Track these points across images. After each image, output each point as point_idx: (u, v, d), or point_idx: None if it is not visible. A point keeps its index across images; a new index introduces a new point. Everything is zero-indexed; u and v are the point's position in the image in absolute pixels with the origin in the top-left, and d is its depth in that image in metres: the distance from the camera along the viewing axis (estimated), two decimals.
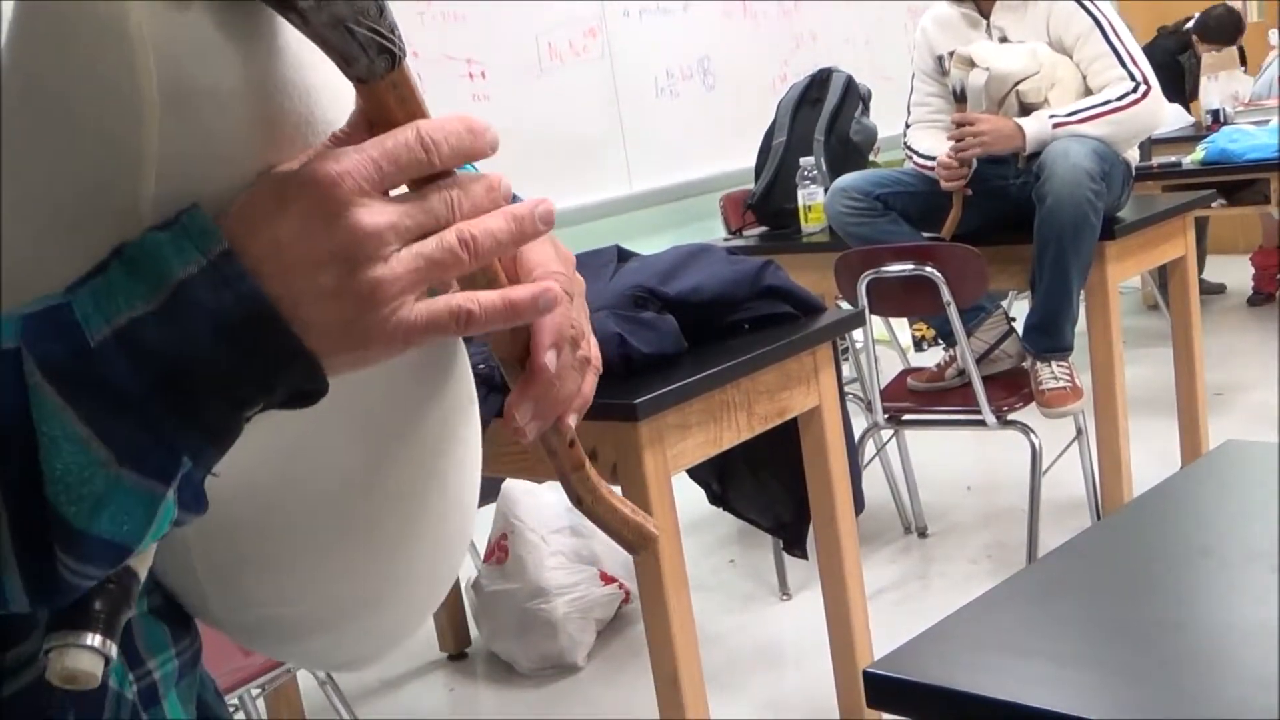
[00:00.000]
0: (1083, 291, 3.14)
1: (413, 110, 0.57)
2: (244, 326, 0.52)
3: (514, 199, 0.60)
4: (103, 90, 0.52)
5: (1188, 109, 5.59)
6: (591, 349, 0.68)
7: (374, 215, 0.54)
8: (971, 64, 3.23)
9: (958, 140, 3.18)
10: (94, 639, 0.55)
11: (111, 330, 0.51)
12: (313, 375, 0.54)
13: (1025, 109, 3.21)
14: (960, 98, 3.24)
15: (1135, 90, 3.14)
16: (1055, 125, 3.12)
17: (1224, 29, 5.79)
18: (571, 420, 0.67)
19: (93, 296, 0.52)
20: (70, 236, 0.54)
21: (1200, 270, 5.58)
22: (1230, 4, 6.08)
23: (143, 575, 0.60)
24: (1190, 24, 5.95)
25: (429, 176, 0.56)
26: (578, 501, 0.70)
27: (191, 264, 0.52)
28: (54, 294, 0.53)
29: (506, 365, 0.64)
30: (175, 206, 0.54)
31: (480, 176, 0.58)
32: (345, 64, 0.55)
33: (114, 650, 0.55)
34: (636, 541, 0.71)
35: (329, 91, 0.59)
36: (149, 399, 0.51)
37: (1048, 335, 3.16)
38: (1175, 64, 5.86)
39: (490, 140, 0.58)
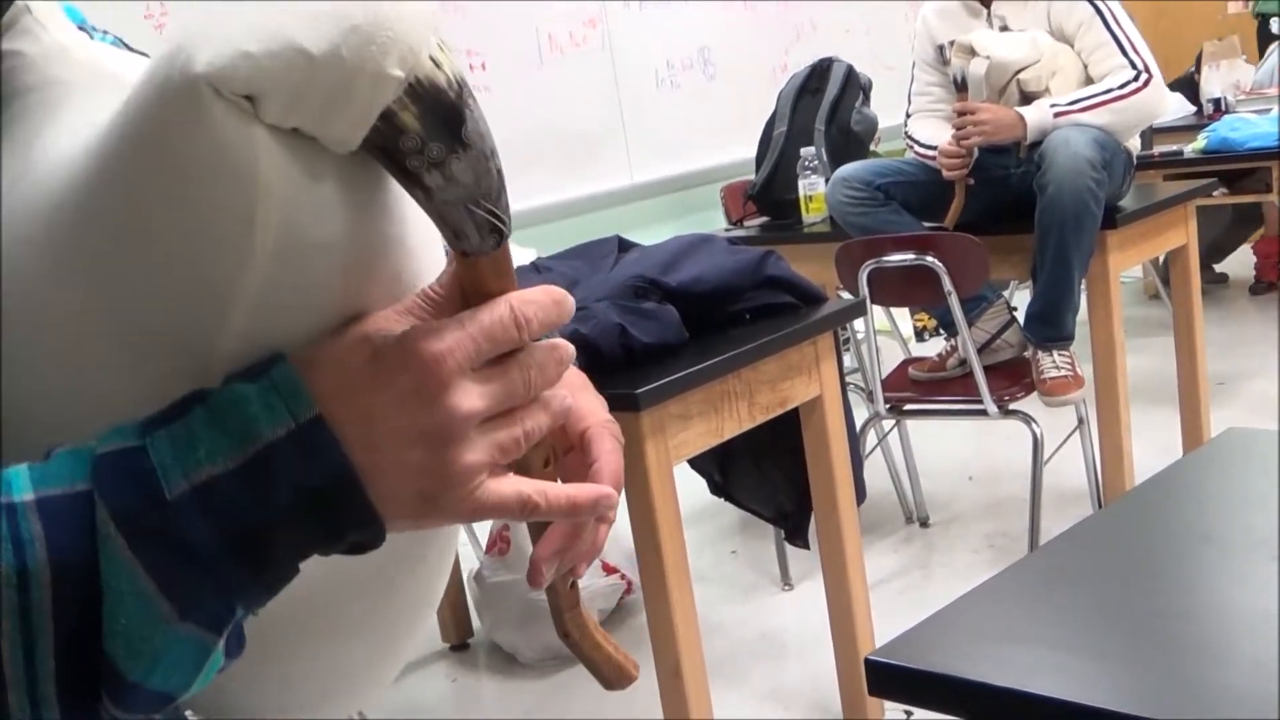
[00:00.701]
0: (1084, 281, 3.14)
1: (505, 282, 0.58)
2: (326, 495, 0.52)
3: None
4: (215, 234, 0.51)
5: None
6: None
7: (469, 399, 0.54)
8: (972, 52, 3.22)
9: (959, 129, 3.17)
10: None
11: (190, 485, 0.50)
12: (377, 537, 0.55)
13: (1026, 98, 3.20)
14: (961, 86, 3.24)
15: (1136, 79, 3.13)
16: (1056, 114, 3.11)
17: None
18: (582, 569, 0.69)
19: (171, 444, 0.51)
20: (144, 357, 0.53)
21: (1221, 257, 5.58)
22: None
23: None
24: None
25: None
26: (565, 636, 0.72)
27: (280, 426, 0.51)
28: (126, 427, 0.52)
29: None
30: (255, 343, 0.53)
31: (552, 348, 0.59)
32: (455, 238, 0.55)
33: None
34: (615, 680, 0.73)
35: (421, 248, 0.59)
36: (219, 557, 0.51)
37: (1049, 324, 3.15)
38: None
39: (569, 309, 0.59)
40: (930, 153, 3.34)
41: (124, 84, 0.56)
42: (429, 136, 0.52)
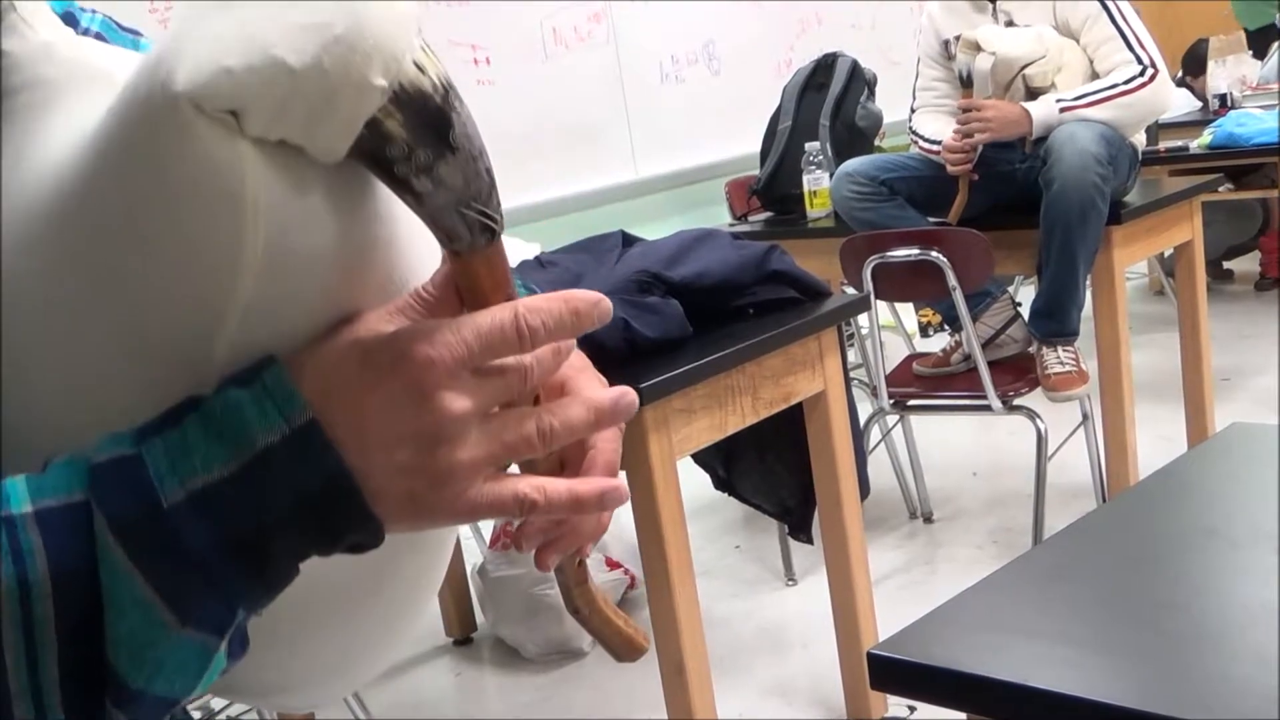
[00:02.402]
0: (1089, 276, 3.14)
1: (499, 278, 0.57)
2: (322, 498, 0.52)
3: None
4: (205, 249, 0.51)
5: None
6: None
7: (460, 400, 0.53)
8: (977, 48, 3.21)
9: (963, 125, 3.16)
10: None
11: (186, 493, 0.51)
12: (375, 537, 0.55)
13: (1032, 93, 3.19)
14: (966, 82, 3.23)
15: (1142, 74, 3.13)
16: (1062, 109, 3.10)
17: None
18: (588, 550, 0.68)
19: (166, 453, 0.51)
20: (138, 366, 0.53)
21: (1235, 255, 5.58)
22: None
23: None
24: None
25: None
26: (575, 611, 0.72)
27: (274, 431, 0.51)
28: (121, 435, 0.52)
29: None
30: (249, 348, 0.53)
31: (549, 354, 0.58)
32: (447, 239, 0.55)
33: None
34: (625, 652, 0.73)
35: (412, 246, 0.59)
36: (218, 562, 0.51)
37: (1054, 320, 3.15)
38: None
39: (602, 312, 0.57)
40: (935, 148, 3.34)
41: (113, 82, 0.56)
42: (416, 142, 0.52)
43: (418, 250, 0.60)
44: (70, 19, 0.71)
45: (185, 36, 0.50)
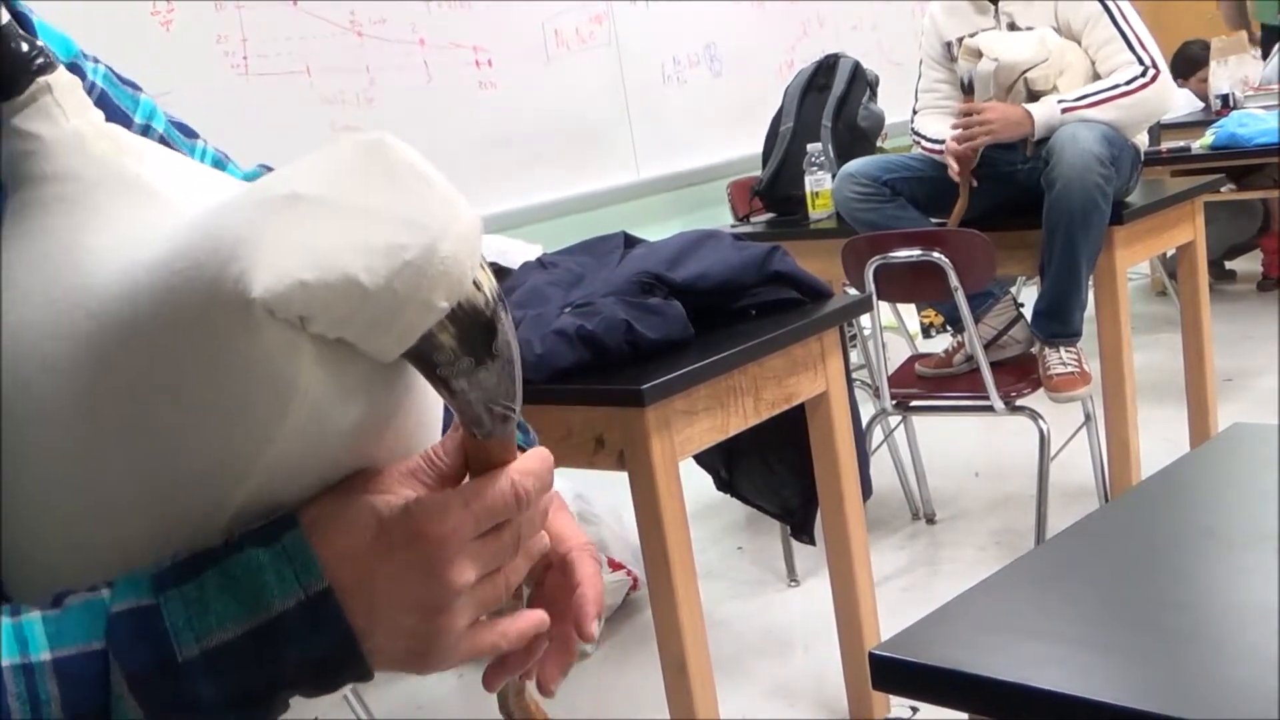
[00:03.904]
0: (1091, 277, 3.13)
1: (509, 454, 0.61)
2: (329, 662, 0.56)
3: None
4: (247, 421, 0.53)
5: None
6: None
7: (465, 574, 0.58)
8: (979, 55, 3.21)
9: (964, 129, 3.16)
10: None
11: (201, 650, 0.53)
12: (364, 679, 0.58)
13: (1034, 96, 3.19)
14: (968, 89, 3.23)
15: (1144, 74, 3.12)
16: (1064, 110, 3.10)
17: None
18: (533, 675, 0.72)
19: (185, 607, 0.53)
20: (159, 503, 0.56)
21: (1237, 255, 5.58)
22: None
23: None
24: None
25: None
26: (509, 716, 0.77)
27: (290, 597, 0.54)
28: (139, 581, 0.54)
29: None
30: (267, 499, 0.56)
31: (534, 518, 0.63)
32: (468, 424, 0.59)
33: None
34: None
35: (426, 407, 0.63)
36: (222, 713, 0.54)
37: (1056, 321, 3.15)
38: None
39: (550, 475, 0.63)
40: (937, 147, 3.33)
41: (145, 191, 0.59)
42: (462, 351, 0.55)
43: (430, 410, 0.64)
44: (76, 69, 0.71)
45: (261, 240, 0.51)
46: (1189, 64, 5.68)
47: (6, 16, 0.60)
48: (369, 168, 0.54)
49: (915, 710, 2.55)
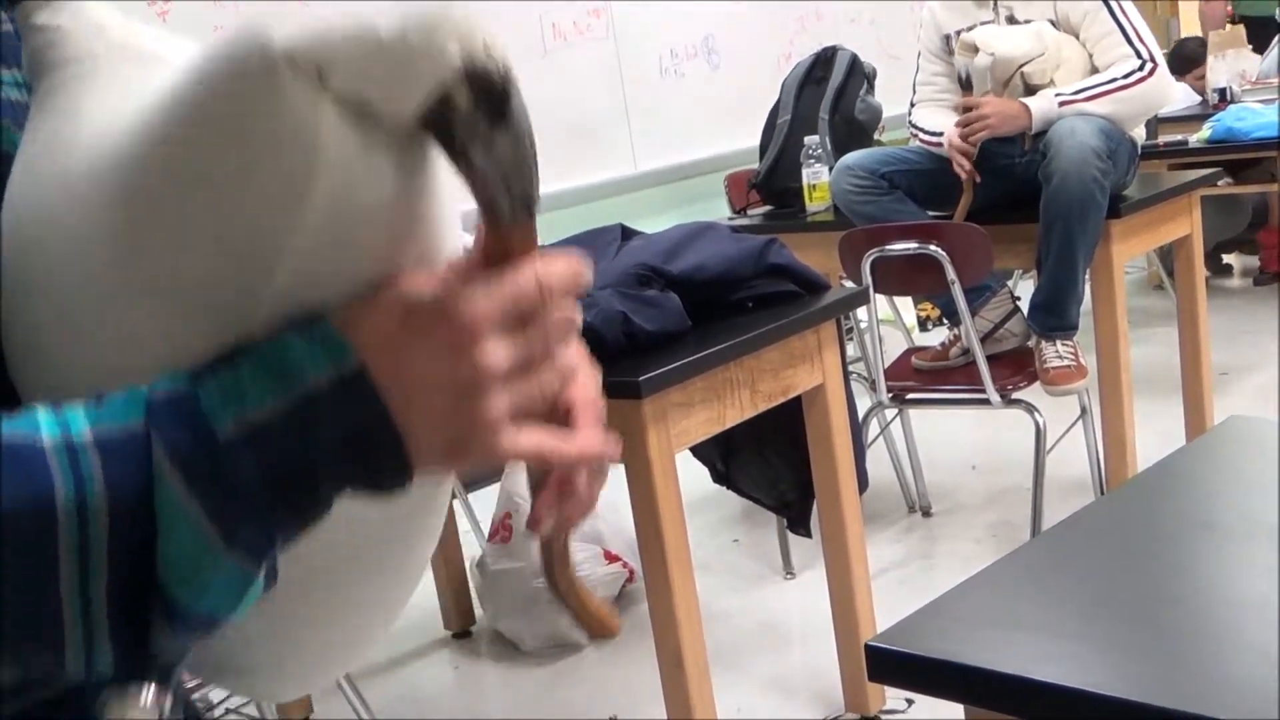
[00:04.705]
0: (1088, 270, 3.13)
1: (529, 247, 0.62)
2: (367, 440, 0.56)
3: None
4: (271, 195, 0.54)
5: None
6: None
7: (496, 355, 0.58)
8: (975, 50, 3.21)
9: (964, 125, 3.16)
10: (148, 694, 0.57)
11: (239, 429, 0.54)
12: (407, 481, 0.58)
13: (1030, 90, 3.19)
14: (966, 84, 3.23)
15: (1141, 68, 3.12)
16: (1061, 103, 3.10)
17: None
18: (575, 520, 0.71)
19: (221, 392, 0.54)
20: (189, 317, 0.56)
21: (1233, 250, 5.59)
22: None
23: None
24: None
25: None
26: (555, 589, 0.77)
27: (324, 376, 0.55)
28: (176, 375, 0.55)
29: (533, 479, 0.71)
30: (295, 304, 0.56)
31: (565, 314, 0.63)
32: (489, 210, 0.59)
33: (168, 702, 0.58)
34: (597, 631, 0.78)
35: (445, 229, 0.63)
36: (265, 494, 0.54)
37: (1053, 314, 3.15)
38: None
39: (587, 279, 0.63)
40: (935, 139, 3.33)
41: (165, 63, 0.61)
42: (477, 113, 0.57)
43: (449, 235, 0.64)
44: None
45: (277, 19, 0.55)
46: (1186, 61, 5.69)
47: None
48: None
49: (911, 702, 2.55)
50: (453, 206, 0.63)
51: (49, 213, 0.58)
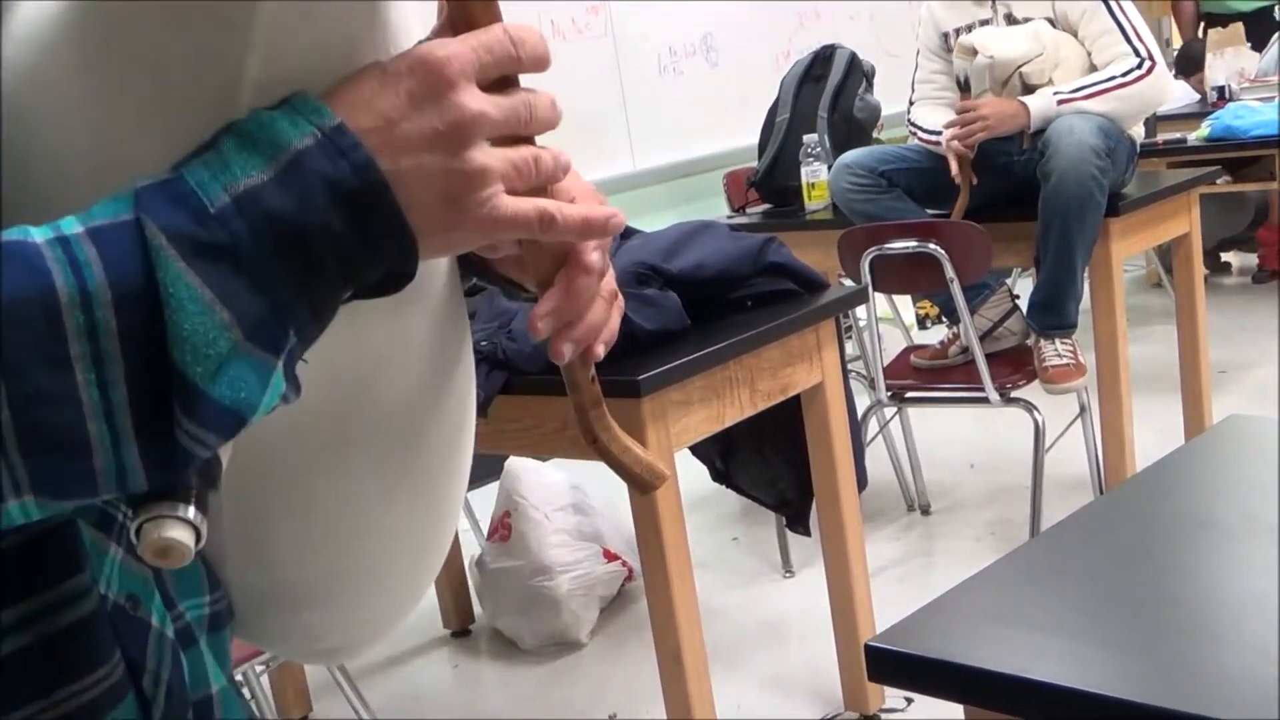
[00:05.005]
0: (1087, 269, 3.14)
1: (494, 17, 0.61)
2: (358, 194, 0.54)
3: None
4: None
5: None
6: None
7: (477, 99, 0.57)
8: (974, 53, 3.21)
9: (962, 126, 3.16)
10: (188, 510, 0.55)
11: (230, 197, 0.53)
12: (410, 252, 0.57)
13: (1029, 90, 3.19)
14: (964, 87, 3.24)
15: (1140, 66, 3.12)
16: (1060, 102, 3.10)
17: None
18: (600, 350, 0.69)
19: (206, 168, 0.53)
20: (170, 112, 0.56)
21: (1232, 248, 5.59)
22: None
23: (225, 465, 0.60)
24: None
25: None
26: (593, 439, 0.72)
27: (306, 136, 0.54)
28: (160, 173, 0.54)
29: (541, 286, 0.66)
30: (274, 94, 0.56)
31: (544, 94, 0.63)
32: None
33: (205, 525, 0.56)
34: (648, 479, 0.73)
35: (407, 23, 0.62)
36: (267, 262, 0.53)
37: (1052, 313, 3.15)
38: None
39: (546, 52, 0.62)
40: (933, 138, 3.33)
41: None
42: None
43: (410, 31, 0.63)
44: None
45: None
46: (1191, 63, 5.69)
47: None
48: None
49: (910, 701, 2.56)
50: (410, 10, 0.62)
51: (18, 34, 0.57)
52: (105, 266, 0.50)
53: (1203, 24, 6.45)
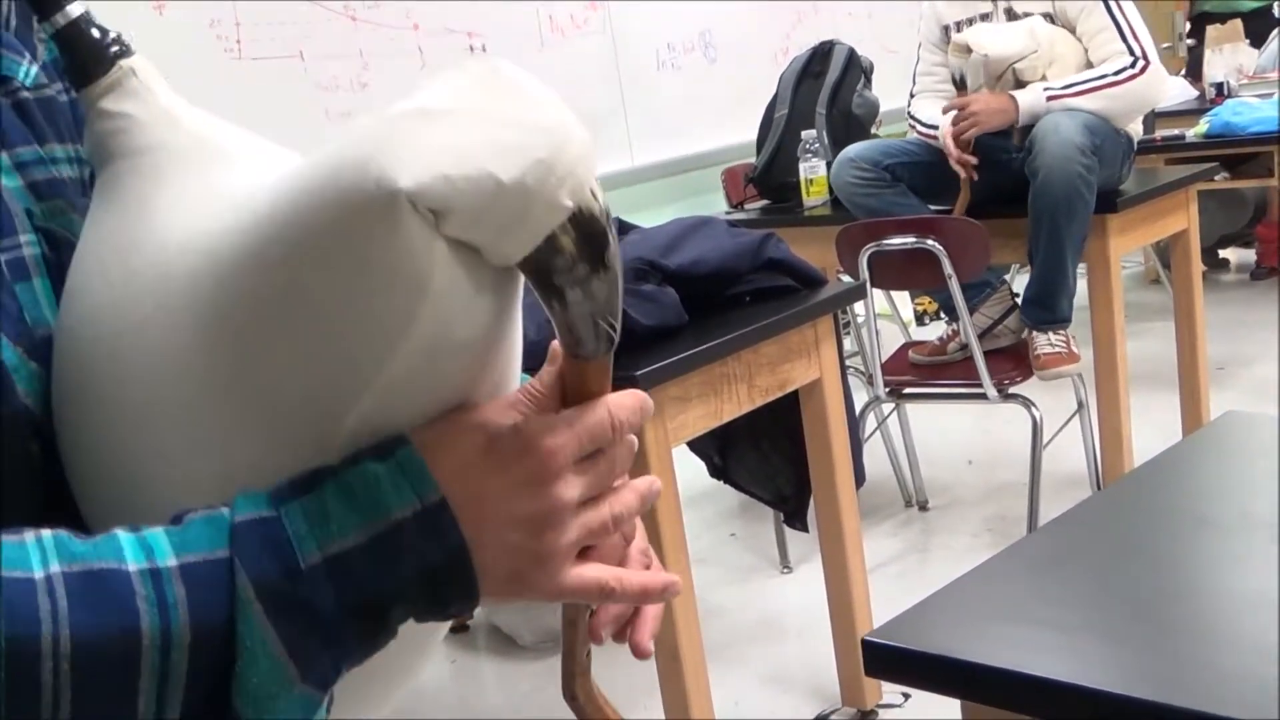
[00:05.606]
0: (1082, 264, 3.13)
1: (605, 383, 0.63)
2: (443, 573, 0.56)
3: None
4: (375, 327, 0.55)
5: None
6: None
7: (572, 490, 0.59)
8: (969, 51, 3.21)
9: (954, 124, 3.16)
10: None
11: (323, 557, 0.54)
12: (471, 607, 0.59)
13: (1022, 86, 3.19)
14: (960, 84, 3.24)
15: (1133, 65, 3.12)
16: (1050, 98, 3.10)
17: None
18: (602, 636, 0.73)
19: (305, 517, 0.54)
20: (272, 428, 0.57)
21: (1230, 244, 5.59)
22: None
23: None
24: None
25: None
26: (572, 699, 0.77)
27: (407, 507, 0.55)
28: (257, 496, 0.55)
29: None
30: (377, 423, 0.57)
31: (629, 443, 0.66)
32: (574, 343, 0.61)
33: None
34: None
35: (516, 350, 0.65)
36: (341, 623, 0.55)
37: (1044, 308, 3.16)
38: None
39: (649, 411, 0.66)
40: (932, 132, 3.33)
41: (242, 160, 0.62)
42: (579, 258, 0.57)
43: (518, 354, 0.65)
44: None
45: (399, 144, 0.54)
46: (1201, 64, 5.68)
47: (83, 7, 0.62)
48: (491, 85, 0.57)
49: (907, 696, 2.56)
50: (518, 333, 0.64)
51: (124, 317, 0.58)
52: (190, 610, 0.52)
53: (1189, 23, 6.45)
